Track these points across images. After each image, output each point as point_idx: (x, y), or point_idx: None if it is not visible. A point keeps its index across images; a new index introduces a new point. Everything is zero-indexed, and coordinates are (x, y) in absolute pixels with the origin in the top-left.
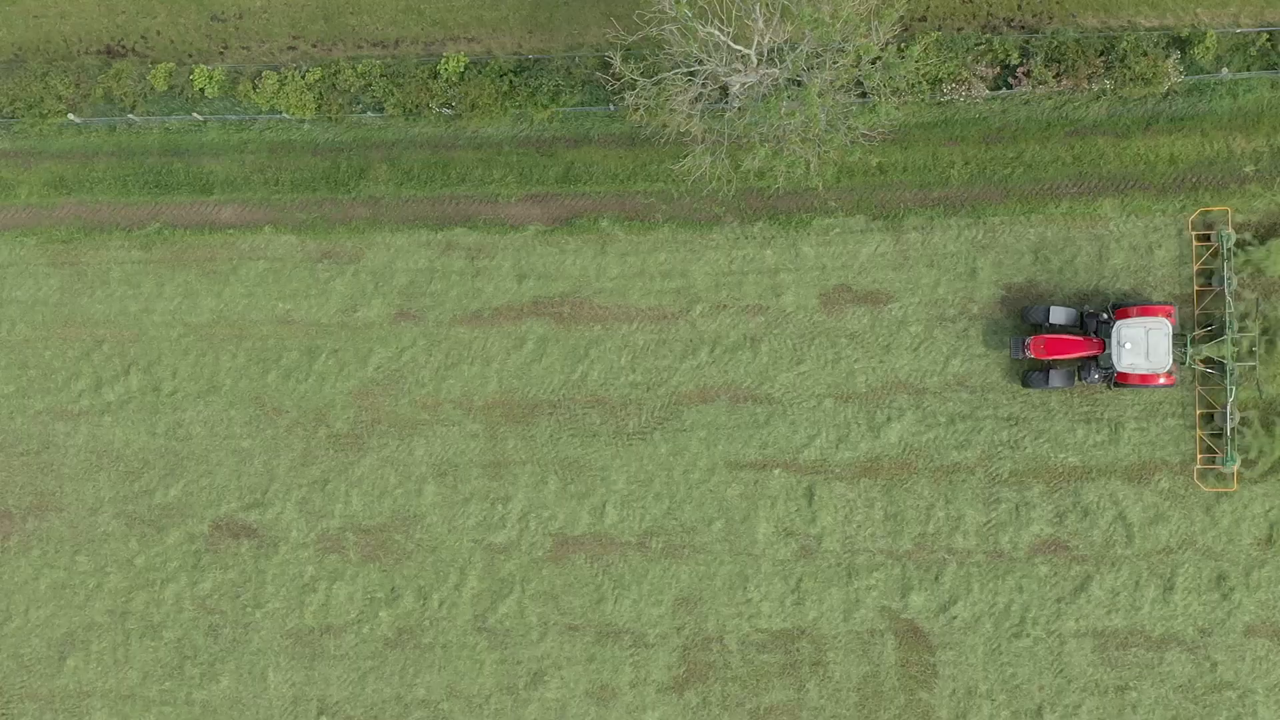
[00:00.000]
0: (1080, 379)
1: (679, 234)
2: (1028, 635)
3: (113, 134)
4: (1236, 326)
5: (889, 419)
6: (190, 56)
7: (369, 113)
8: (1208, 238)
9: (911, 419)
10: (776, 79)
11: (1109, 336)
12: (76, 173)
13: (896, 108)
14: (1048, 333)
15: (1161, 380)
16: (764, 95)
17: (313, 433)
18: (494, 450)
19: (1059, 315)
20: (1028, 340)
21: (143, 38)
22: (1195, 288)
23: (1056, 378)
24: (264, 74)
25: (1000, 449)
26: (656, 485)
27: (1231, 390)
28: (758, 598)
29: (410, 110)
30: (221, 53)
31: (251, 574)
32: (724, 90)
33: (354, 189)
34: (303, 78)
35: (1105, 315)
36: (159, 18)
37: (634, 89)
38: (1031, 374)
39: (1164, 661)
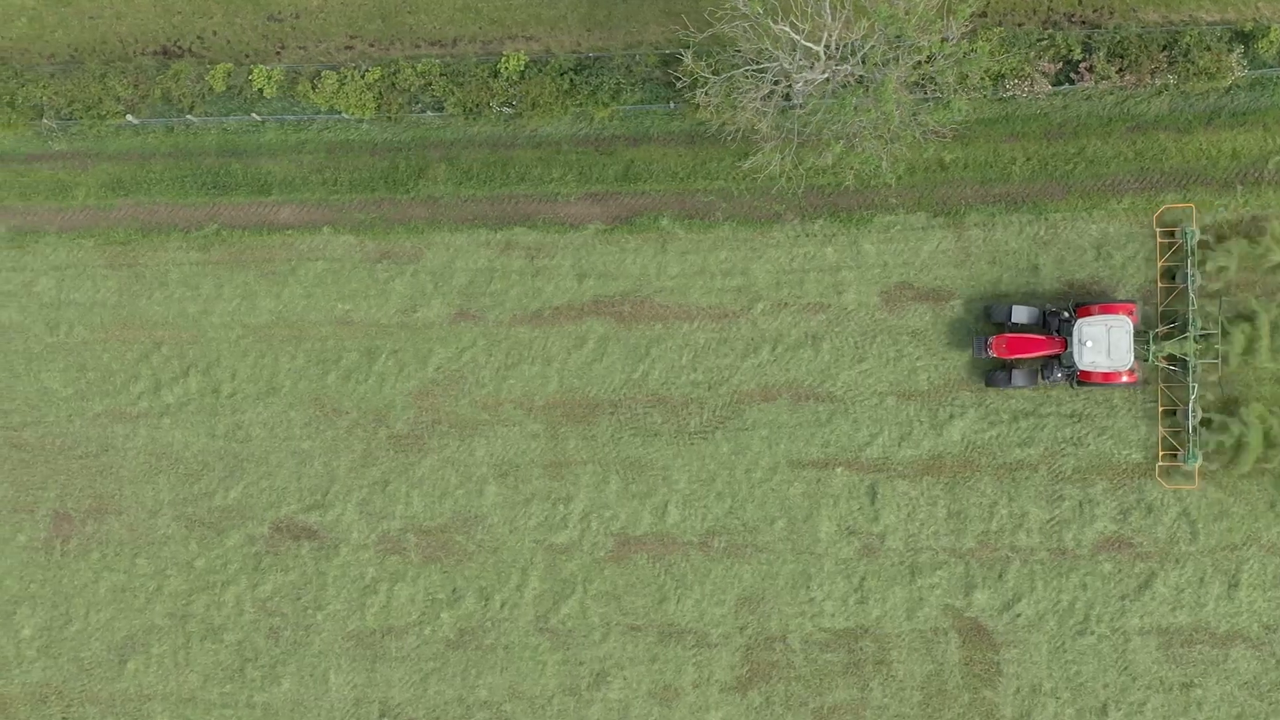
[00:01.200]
0: (1043, 378)
1: (739, 232)
2: (1092, 633)
3: (170, 135)
4: (1199, 324)
5: (951, 416)
6: (247, 57)
7: (428, 112)
8: (1172, 234)
9: (974, 416)
10: (849, 75)
11: (1071, 335)
12: (134, 174)
13: (967, 103)
14: (1010, 332)
15: (1124, 378)
16: (834, 91)
17: (373, 433)
18: (555, 450)
19: (1021, 314)
20: (990, 340)
21: (199, 38)
22: (1159, 284)
23: (1019, 377)
24: (323, 74)
25: (1063, 446)
26: (718, 484)
27: (1193, 388)
28: (820, 596)
29: (470, 109)
30: (278, 53)
31: (312, 576)
32: (788, 88)
33: (412, 189)
34: (362, 77)
35: (1067, 314)
36: (215, 18)
37: (703, 86)
38: (995, 373)
39: (1229, 658)
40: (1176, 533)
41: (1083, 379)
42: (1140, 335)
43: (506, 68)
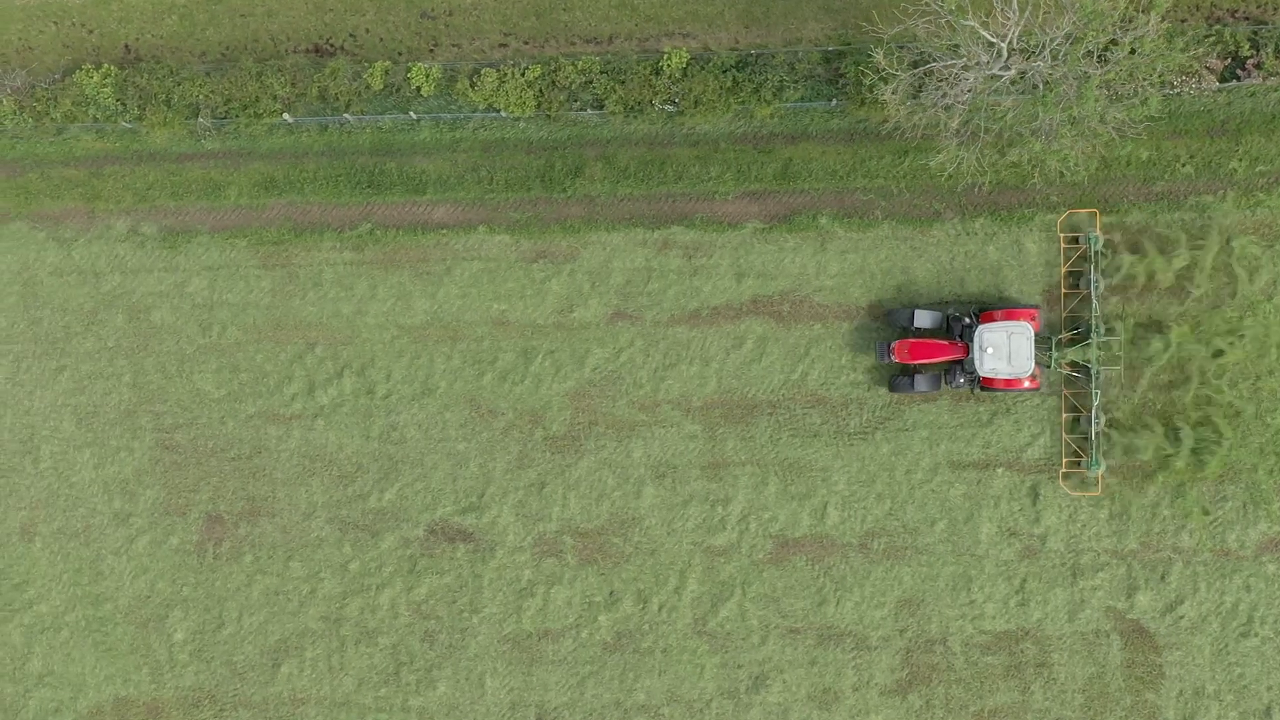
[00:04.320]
0: (947, 383)
1: (899, 230)
2: (1256, 634)
3: (324, 134)
4: (1102, 330)
5: None
6: (400, 55)
7: (587, 110)
8: (1077, 239)
9: None
10: (1038, 72)
11: (972, 341)
12: (286, 173)
13: (1162, 100)
14: (913, 336)
15: (1026, 384)
16: (1035, 87)
17: (529, 435)
18: (713, 451)
19: (923, 319)
20: (892, 344)
21: (351, 36)
22: (1063, 290)
23: (922, 382)
24: (482, 71)
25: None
26: (878, 485)
27: (1096, 394)
28: (981, 599)
29: (631, 107)
30: (431, 50)
31: (468, 579)
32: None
33: (569, 187)
34: (522, 75)
35: (968, 319)
36: (368, 15)
37: (891, 84)
38: (897, 378)
39: None
40: None
41: (985, 385)
42: (1044, 341)
43: (669, 65)
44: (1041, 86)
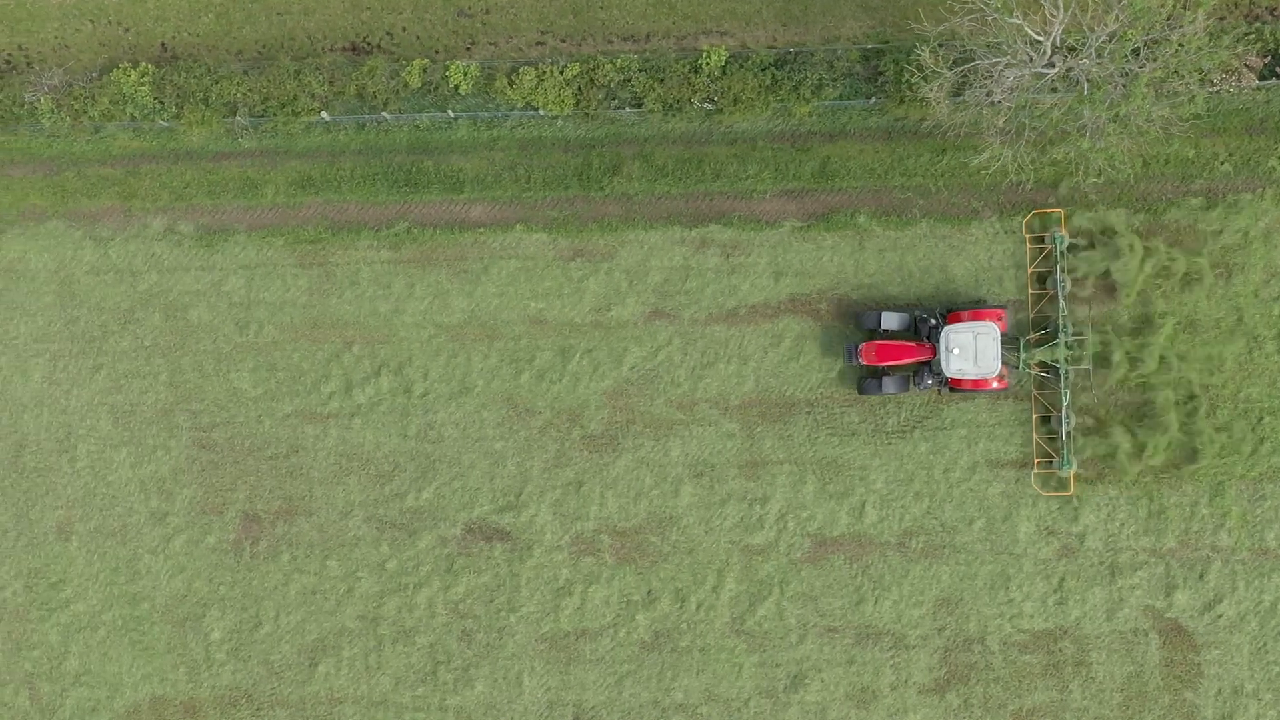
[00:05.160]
0: (915, 384)
1: (937, 229)
2: None
3: (361, 132)
4: (1070, 330)
5: None
6: (437, 53)
7: (625, 109)
8: (1042, 240)
9: None
10: (1081, 70)
11: (939, 342)
12: (323, 171)
13: (1207, 98)
14: (880, 338)
15: (994, 385)
16: (1078, 85)
17: (567, 434)
18: (751, 450)
19: (891, 320)
20: (859, 346)
21: (388, 34)
22: (1030, 290)
23: (890, 384)
24: (520, 70)
25: (1264, 444)
26: (916, 484)
27: (1065, 394)
28: (1019, 597)
29: (670, 105)
30: (468, 48)
31: (505, 578)
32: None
33: (606, 186)
34: (561, 73)
35: (934, 320)
36: (405, 13)
37: (936, 81)
38: (866, 380)
39: None
40: None
41: (954, 386)
42: (1013, 342)
43: (707, 63)
44: (1086, 84)
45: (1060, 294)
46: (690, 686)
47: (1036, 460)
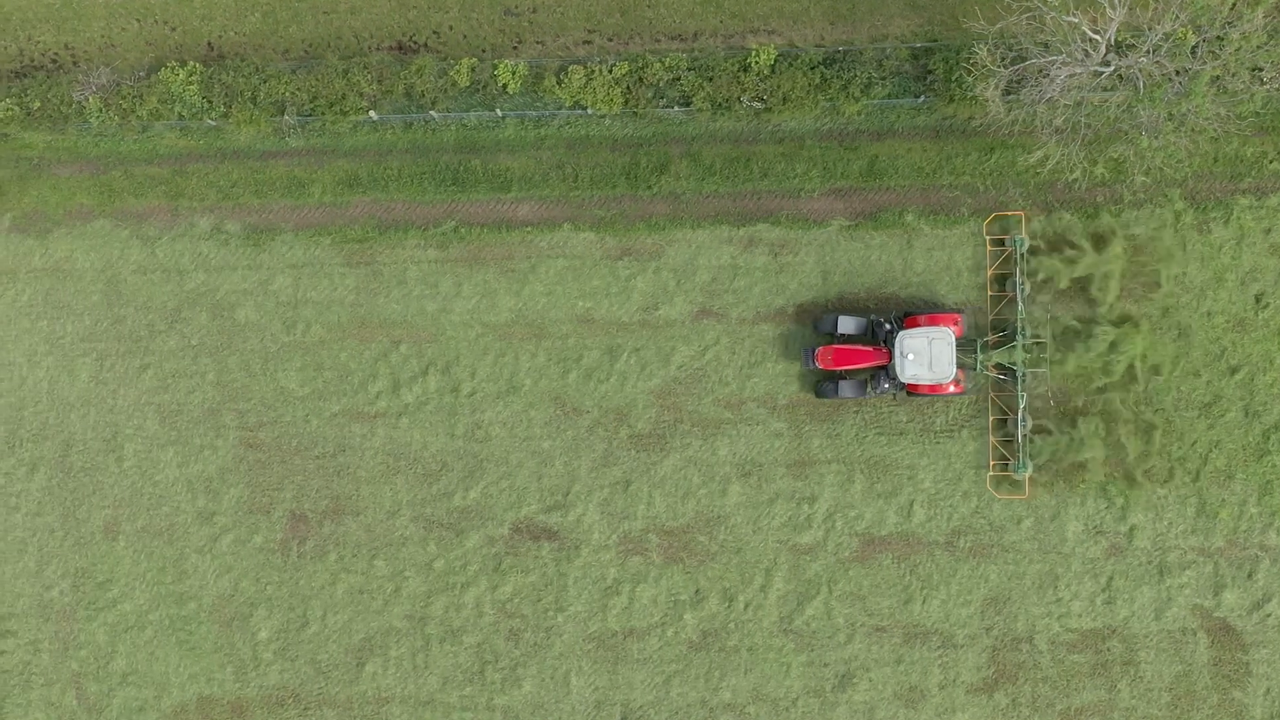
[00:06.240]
0: (871, 389)
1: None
2: None
3: (408, 131)
4: (1028, 332)
5: None
6: (484, 52)
7: (674, 107)
8: (1002, 242)
9: None
10: (1137, 68)
11: (894, 346)
12: (370, 171)
13: (1267, 96)
14: (837, 343)
15: (950, 389)
16: (1133, 83)
17: (614, 433)
18: (799, 449)
19: (847, 325)
20: (815, 351)
21: (435, 33)
22: (989, 293)
23: (846, 388)
24: (569, 68)
25: None
26: (964, 483)
27: (1022, 397)
28: (1067, 597)
29: (719, 104)
30: (515, 47)
31: (553, 577)
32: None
33: (654, 185)
34: (609, 72)
35: (889, 325)
36: (451, 12)
37: (992, 79)
38: (823, 384)
39: None
40: None
41: (911, 390)
42: (970, 345)
43: (756, 61)
44: (1142, 82)
45: (1019, 296)
46: (738, 686)
47: (992, 463)
